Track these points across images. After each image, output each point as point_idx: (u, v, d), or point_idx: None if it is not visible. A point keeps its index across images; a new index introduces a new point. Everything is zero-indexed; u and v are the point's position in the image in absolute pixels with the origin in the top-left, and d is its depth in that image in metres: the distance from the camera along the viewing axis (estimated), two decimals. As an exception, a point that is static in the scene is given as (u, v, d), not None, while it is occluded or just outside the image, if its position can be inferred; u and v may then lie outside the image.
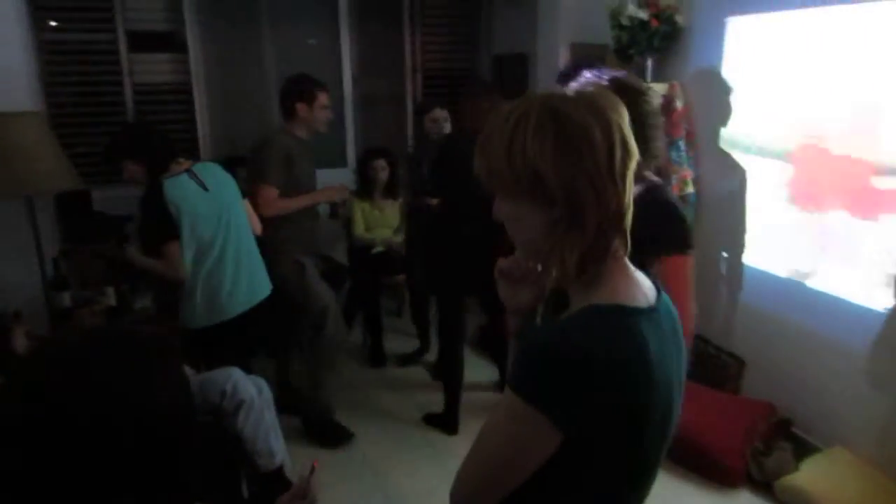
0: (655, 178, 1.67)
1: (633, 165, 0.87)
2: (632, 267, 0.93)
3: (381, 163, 3.80)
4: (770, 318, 2.92)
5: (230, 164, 3.54)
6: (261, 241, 2.70)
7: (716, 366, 3.13)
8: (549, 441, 0.84)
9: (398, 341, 3.96)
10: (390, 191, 3.88)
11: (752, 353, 3.05)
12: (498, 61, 4.65)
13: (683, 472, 2.65)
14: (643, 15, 3.14)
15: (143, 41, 3.94)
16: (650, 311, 0.90)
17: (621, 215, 0.87)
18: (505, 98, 3.32)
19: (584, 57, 3.51)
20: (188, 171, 2.41)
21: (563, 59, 3.72)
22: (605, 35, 3.39)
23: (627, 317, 0.87)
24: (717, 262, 3.16)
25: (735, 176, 3.00)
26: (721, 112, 3.04)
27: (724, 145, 3.07)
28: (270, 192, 2.79)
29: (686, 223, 1.63)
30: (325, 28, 4.40)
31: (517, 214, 0.88)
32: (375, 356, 3.79)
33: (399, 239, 3.90)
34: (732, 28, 2.99)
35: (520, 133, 0.84)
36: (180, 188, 2.35)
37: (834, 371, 2.62)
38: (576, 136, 0.82)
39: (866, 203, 2.46)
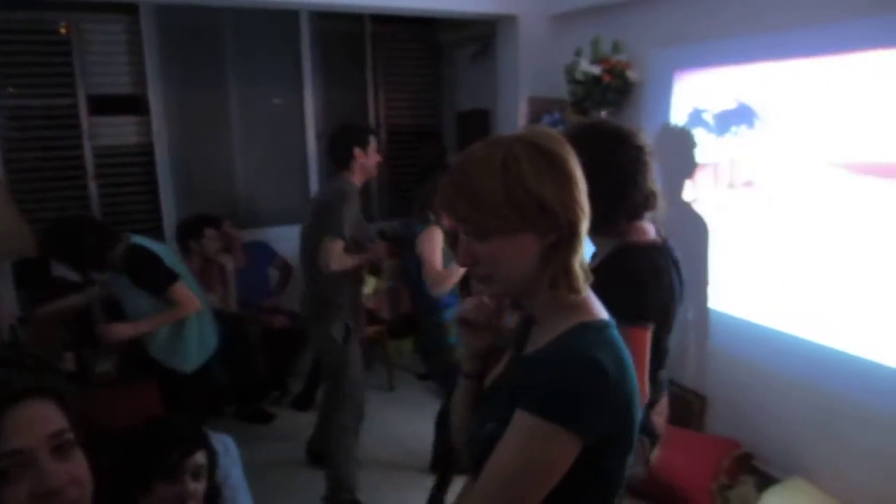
0: (651, 236, 1.59)
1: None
2: None
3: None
4: (729, 357, 2.98)
5: (200, 224, 3.58)
6: (318, 301, 2.77)
7: (680, 404, 3.17)
8: (573, 454, 0.90)
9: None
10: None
11: (713, 390, 3.10)
12: (461, 117, 4.79)
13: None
14: (596, 71, 3.29)
15: (104, 104, 3.96)
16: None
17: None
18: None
19: (545, 108, 3.66)
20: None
21: (522, 112, 3.86)
22: (561, 89, 3.53)
23: (610, 329, 0.98)
24: (684, 309, 3.22)
25: (697, 226, 3.10)
26: (681, 163, 3.16)
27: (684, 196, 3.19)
28: (339, 246, 2.63)
29: (642, 294, 1.48)
30: (289, 87, 4.48)
31: (506, 249, 0.94)
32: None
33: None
34: (680, 83, 3.15)
35: (513, 171, 0.91)
36: (148, 243, 2.49)
37: (791, 405, 2.69)
38: (561, 164, 0.94)
39: (813, 244, 2.57)
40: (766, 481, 2.73)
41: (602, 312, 0.99)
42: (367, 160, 2.83)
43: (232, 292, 3.62)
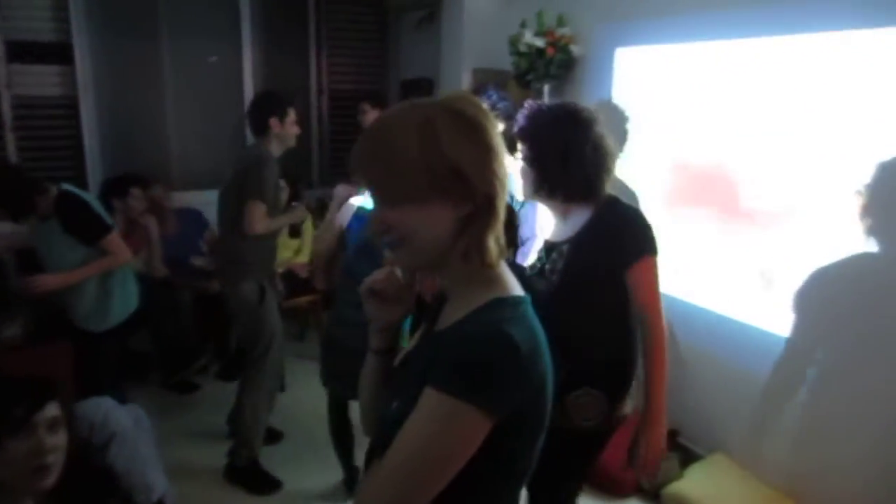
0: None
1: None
2: None
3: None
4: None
5: (126, 182, 3.41)
6: (229, 261, 2.75)
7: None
8: (482, 433, 0.85)
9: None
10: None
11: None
12: (405, 85, 4.70)
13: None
14: (540, 43, 3.27)
15: (25, 51, 3.71)
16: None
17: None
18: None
19: (489, 80, 3.62)
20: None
21: (465, 84, 3.81)
22: (505, 61, 3.50)
23: (524, 305, 0.94)
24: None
25: (629, 200, 3.12)
26: (617, 139, 3.17)
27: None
28: (261, 210, 2.66)
29: (648, 228, 1.71)
30: (227, 45, 4.30)
31: (417, 218, 0.89)
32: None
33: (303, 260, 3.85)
34: (620, 59, 3.16)
35: (429, 136, 0.86)
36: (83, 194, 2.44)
37: (714, 383, 2.77)
38: (482, 134, 0.89)
39: (735, 222, 2.63)
40: (690, 458, 2.81)
41: (517, 289, 0.96)
42: (284, 130, 2.81)
43: (157, 255, 3.48)
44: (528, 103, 1.76)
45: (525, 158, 1.72)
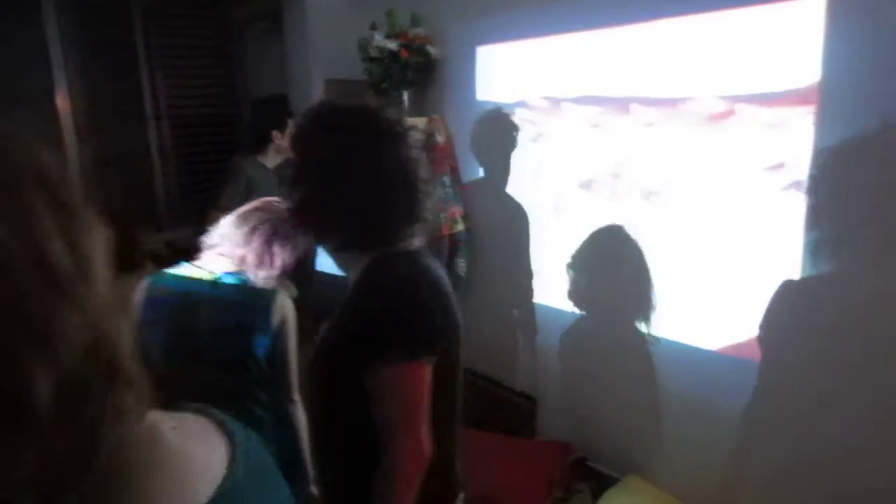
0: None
1: None
2: None
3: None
4: (559, 355, 2.79)
5: None
6: None
7: (509, 409, 2.94)
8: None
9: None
10: (124, 265, 3.25)
11: (544, 391, 2.90)
12: (257, 104, 4.22)
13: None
14: (392, 46, 2.94)
15: None
16: None
17: None
18: (250, 152, 3.03)
19: (346, 91, 3.26)
20: None
21: (319, 97, 3.42)
22: (360, 69, 3.14)
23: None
24: (507, 303, 2.96)
25: (517, 217, 2.84)
26: (500, 149, 2.87)
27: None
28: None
29: (422, 313, 1.16)
30: (35, 69, 3.66)
31: None
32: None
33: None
34: (482, 57, 2.90)
35: None
36: None
37: (622, 400, 2.53)
38: None
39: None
40: (602, 482, 2.56)
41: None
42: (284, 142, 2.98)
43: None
44: (321, 101, 1.32)
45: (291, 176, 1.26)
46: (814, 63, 1.79)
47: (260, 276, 1.62)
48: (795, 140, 1.85)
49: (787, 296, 1.88)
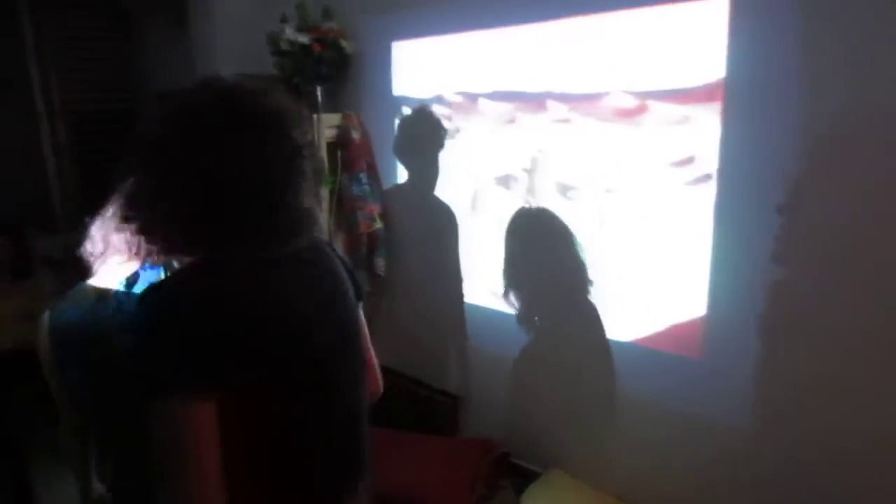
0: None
1: None
2: None
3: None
4: (480, 351, 2.77)
5: None
6: None
7: (431, 407, 2.91)
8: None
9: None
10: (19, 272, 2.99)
11: (468, 388, 2.88)
12: (160, 100, 4.00)
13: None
14: (304, 40, 2.83)
15: None
16: None
17: None
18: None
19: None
20: None
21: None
22: (270, 64, 3.01)
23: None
24: (434, 305, 2.90)
25: (437, 214, 2.78)
26: (426, 149, 2.79)
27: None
28: None
29: (170, 352, 0.97)
30: None
31: None
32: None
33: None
34: (397, 53, 2.84)
35: None
36: None
37: (543, 396, 2.54)
38: None
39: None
40: (526, 478, 2.55)
41: None
42: None
43: None
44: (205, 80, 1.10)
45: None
46: (719, 60, 1.84)
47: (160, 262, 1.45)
48: (704, 135, 1.90)
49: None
